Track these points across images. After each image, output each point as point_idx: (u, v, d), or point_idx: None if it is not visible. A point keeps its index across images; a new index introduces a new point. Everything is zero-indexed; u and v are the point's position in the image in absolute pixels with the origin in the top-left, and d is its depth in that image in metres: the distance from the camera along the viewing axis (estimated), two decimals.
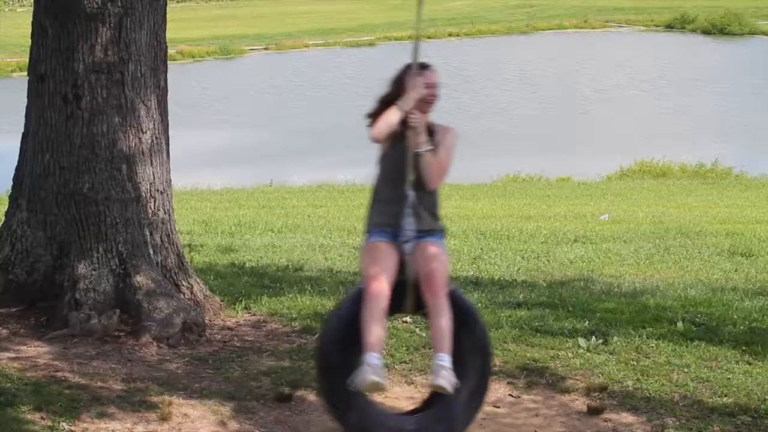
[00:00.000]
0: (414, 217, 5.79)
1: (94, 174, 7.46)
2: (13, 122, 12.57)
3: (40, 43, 7.64)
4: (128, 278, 7.41)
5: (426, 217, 5.83)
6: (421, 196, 5.81)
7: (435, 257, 5.73)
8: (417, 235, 5.77)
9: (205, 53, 54.09)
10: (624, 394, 6.58)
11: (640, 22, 68.63)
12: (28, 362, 6.70)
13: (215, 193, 22.28)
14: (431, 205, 5.87)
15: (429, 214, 5.85)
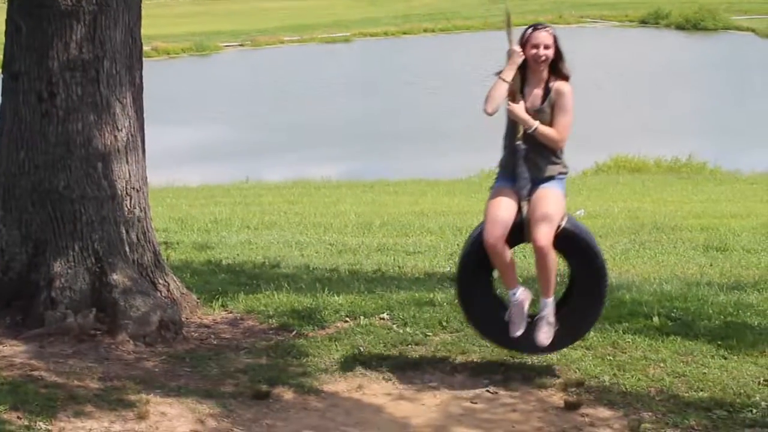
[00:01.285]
0: (529, 165, 6.52)
1: (69, 172, 7.43)
2: None
3: (14, 41, 7.59)
4: (104, 276, 7.38)
5: (542, 164, 6.54)
6: (537, 148, 6.52)
7: (541, 202, 6.46)
8: (533, 181, 6.53)
9: (180, 50, 54.03)
10: (601, 389, 6.61)
11: (615, 18, 68.95)
12: (4, 361, 6.67)
13: (191, 190, 22.23)
14: (549, 153, 6.56)
15: (545, 162, 6.55)
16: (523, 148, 6.51)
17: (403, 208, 17.76)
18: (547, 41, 6.52)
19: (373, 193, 21.40)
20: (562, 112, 6.54)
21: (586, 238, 6.69)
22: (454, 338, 7.47)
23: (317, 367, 6.91)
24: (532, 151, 6.53)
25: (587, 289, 6.77)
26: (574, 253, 6.69)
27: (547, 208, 6.46)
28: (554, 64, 6.58)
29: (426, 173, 25.12)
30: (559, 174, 6.62)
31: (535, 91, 6.58)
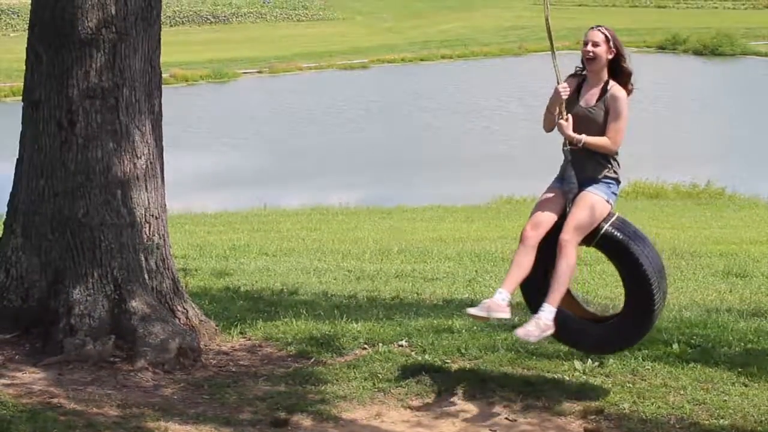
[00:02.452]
0: (577, 168, 6.70)
1: (88, 199, 7.47)
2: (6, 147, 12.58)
3: (34, 69, 7.65)
4: (123, 303, 7.40)
5: (588, 166, 6.71)
6: (588, 152, 6.68)
7: (577, 203, 6.66)
8: (580, 183, 6.71)
9: (199, 77, 54.14)
10: (620, 417, 6.57)
11: (632, 44, 68.76)
12: (23, 389, 6.68)
13: (209, 217, 22.25)
14: (600, 156, 6.71)
15: (593, 164, 6.71)
16: (569, 152, 6.72)
17: (421, 235, 17.74)
18: (595, 38, 6.70)
19: (391, 220, 21.39)
20: (615, 117, 6.68)
21: (626, 243, 6.73)
22: (473, 365, 7.45)
23: (336, 395, 6.89)
24: (584, 154, 6.72)
25: (632, 296, 6.87)
26: (615, 257, 6.86)
27: (579, 211, 6.65)
28: (614, 65, 6.74)
29: (444, 200, 25.10)
30: (605, 177, 6.76)
31: (592, 90, 6.77)
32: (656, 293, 6.76)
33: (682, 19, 73.22)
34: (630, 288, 6.86)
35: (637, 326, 6.93)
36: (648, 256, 6.75)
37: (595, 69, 6.74)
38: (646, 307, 6.81)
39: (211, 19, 79.84)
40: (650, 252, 6.80)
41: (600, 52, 6.69)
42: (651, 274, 6.73)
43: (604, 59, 6.71)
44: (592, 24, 7.14)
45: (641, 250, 6.74)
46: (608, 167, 6.76)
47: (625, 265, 6.80)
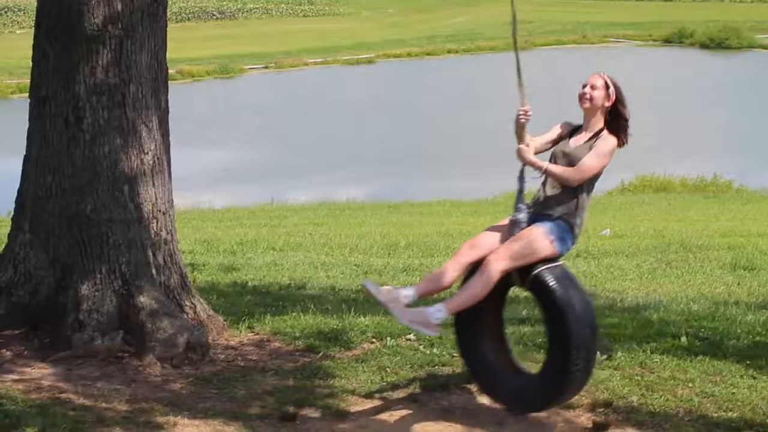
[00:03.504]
0: (540, 202, 6.36)
1: (96, 195, 7.48)
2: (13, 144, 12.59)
3: (41, 66, 7.66)
4: (131, 299, 7.41)
5: (552, 203, 6.33)
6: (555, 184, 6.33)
7: (521, 234, 6.26)
8: (534, 218, 6.34)
9: (205, 73, 54.25)
10: (629, 410, 6.57)
11: (638, 37, 68.82)
12: (32, 384, 6.70)
13: (216, 212, 22.29)
14: (564, 197, 6.33)
15: (557, 202, 6.33)
16: (521, 184, 6.39)
17: (429, 229, 17.75)
18: (594, 82, 6.41)
19: (398, 214, 21.41)
20: (593, 153, 6.31)
21: (557, 295, 6.17)
22: None
23: (344, 389, 6.90)
24: (549, 186, 6.38)
25: (550, 354, 6.36)
26: (543, 306, 6.30)
27: (516, 240, 6.25)
28: (612, 114, 6.42)
29: (451, 194, 25.11)
30: (561, 218, 6.31)
31: (583, 134, 6.44)
32: (574, 358, 6.12)
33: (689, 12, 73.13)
34: (550, 344, 6.34)
35: (547, 388, 6.31)
36: (578, 317, 6.14)
37: (590, 113, 6.39)
38: (560, 369, 6.20)
39: (217, 15, 79.91)
40: (584, 314, 6.18)
41: (597, 96, 6.36)
42: (575, 334, 6.11)
43: (599, 104, 6.36)
44: (601, 18, 7.05)
45: (572, 308, 6.14)
46: (569, 210, 6.32)
47: (550, 317, 6.25)
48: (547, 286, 6.21)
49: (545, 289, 6.22)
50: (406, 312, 6.23)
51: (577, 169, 6.27)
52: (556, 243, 6.26)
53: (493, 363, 6.60)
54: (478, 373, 6.64)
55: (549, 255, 6.25)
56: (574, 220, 6.33)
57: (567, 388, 6.27)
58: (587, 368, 6.27)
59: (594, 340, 6.27)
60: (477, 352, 6.62)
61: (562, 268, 6.32)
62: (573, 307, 6.17)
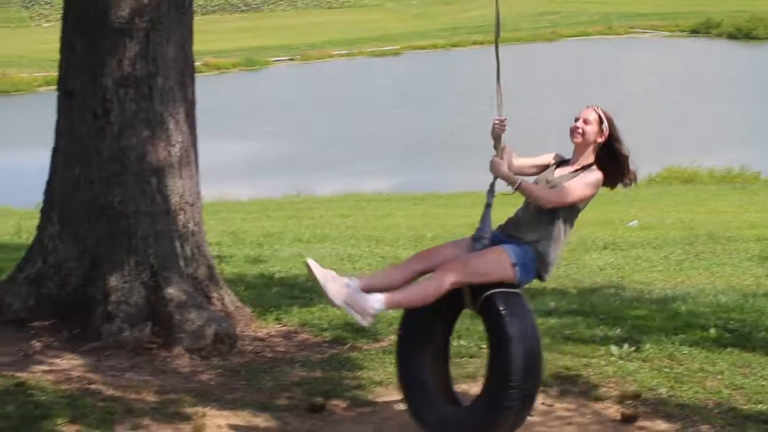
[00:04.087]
0: (512, 222, 5.96)
1: (124, 187, 7.50)
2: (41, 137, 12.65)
3: (69, 59, 7.69)
4: (159, 290, 7.43)
5: (524, 226, 5.90)
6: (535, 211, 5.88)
7: (483, 250, 5.84)
8: (503, 239, 5.91)
9: (231, 65, 54.34)
10: (658, 402, 6.54)
11: (665, 28, 68.44)
12: (62, 375, 6.73)
13: (243, 204, 22.33)
14: (540, 223, 5.86)
15: (531, 227, 5.87)
16: (491, 199, 5.99)
17: (455, 221, 17.72)
18: (588, 116, 5.96)
19: (424, 206, 21.39)
20: (577, 180, 5.87)
21: (505, 322, 5.69)
22: None
23: (371, 380, 6.90)
24: (530, 211, 5.92)
25: (487, 382, 5.87)
26: (490, 331, 5.85)
27: (476, 255, 5.83)
28: (605, 151, 5.98)
29: (477, 186, 25.03)
30: (529, 244, 5.85)
31: (570, 166, 6.01)
32: (510, 394, 5.65)
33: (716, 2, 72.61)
34: (487, 375, 5.89)
35: (474, 422, 5.82)
36: (523, 353, 5.65)
37: (580, 147, 5.96)
38: (492, 403, 5.74)
39: (242, 8, 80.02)
40: (530, 352, 5.69)
41: (589, 132, 5.92)
42: (515, 370, 5.63)
43: (591, 139, 5.92)
44: (627, 9, 6.93)
45: (518, 342, 5.66)
46: (541, 238, 5.85)
47: (492, 345, 5.82)
48: (496, 312, 5.72)
49: (494, 313, 5.74)
50: (342, 293, 5.75)
51: (556, 192, 5.82)
52: (518, 269, 5.78)
53: (430, 389, 6.07)
54: (412, 397, 6.08)
55: (506, 279, 5.77)
56: (545, 249, 5.85)
57: (495, 425, 5.74)
58: (521, 411, 5.76)
59: (534, 384, 5.77)
60: (416, 375, 6.07)
61: (519, 297, 5.82)
62: (519, 340, 5.67)
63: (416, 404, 6.07)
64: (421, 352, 6.10)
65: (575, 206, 5.93)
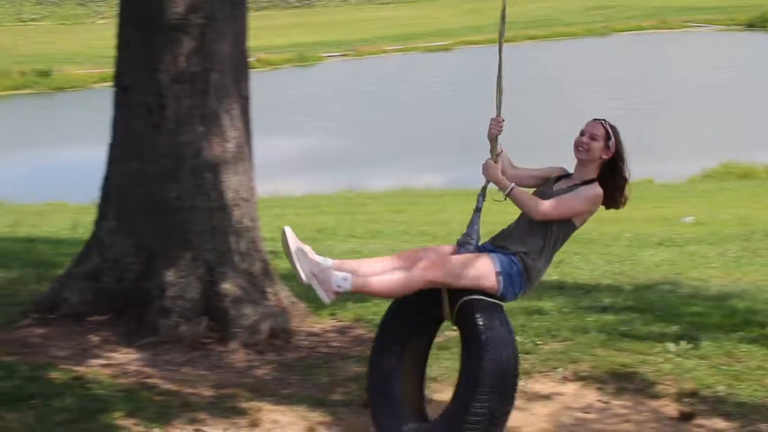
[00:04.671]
0: (504, 233, 5.72)
1: (179, 183, 7.54)
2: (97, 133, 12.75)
3: (124, 55, 7.74)
4: (215, 285, 7.47)
5: (515, 237, 5.65)
6: (529, 223, 5.64)
7: (468, 255, 5.55)
8: (492, 248, 5.65)
9: (283, 61, 54.47)
10: (716, 400, 6.47)
11: (720, 22, 67.71)
12: (119, 369, 6.79)
13: (296, 200, 22.39)
14: (533, 237, 5.61)
15: (522, 239, 5.62)
16: (483, 201, 5.77)
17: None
18: (594, 131, 5.63)
19: None
20: (575, 193, 5.60)
21: (479, 331, 5.39)
22: (565, 347, 7.39)
23: (427, 376, 6.87)
24: (525, 222, 5.67)
25: (454, 395, 5.52)
26: (463, 339, 5.56)
27: (461, 258, 5.56)
28: (609, 169, 5.66)
29: None
30: (516, 255, 5.58)
31: (571, 180, 5.74)
32: (475, 410, 5.32)
33: None
34: (457, 386, 5.52)
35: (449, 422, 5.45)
36: (496, 369, 5.34)
37: (584, 163, 5.67)
38: (455, 419, 5.40)
39: (294, 3, 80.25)
40: (503, 369, 5.37)
41: (595, 148, 5.61)
42: (482, 385, 5.32)
43: (596, 156, 5.62)
44: (681, 3, 6.74)
45: (491, 355, 5.35)
46: (530, 250, 5.58)
47: (464, 356, 5.51)
48: (471, 319, 5.43)
49: (468, 321, 5.45)
50: (309, 264, 5.48)
51: (549, 204, 5.55)
52: (502, 279, 5.50)
53: (399, 402, 5.76)
54: (378, 409, 5.78)
55: (488, 288, 5.49)
56: (534, 263, 5.57)
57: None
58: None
59: (503, 405, 5.41)
60: (387, 387, 5.77)
61: (500, 310, 5.51)
62: (492, 354, 5.35)
63: (381, 417, 5.74)
64: (396, 364, 5.79)
65: (570, 222, 5.63)
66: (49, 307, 7.73)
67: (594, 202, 5.62)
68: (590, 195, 5.60)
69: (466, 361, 5.48)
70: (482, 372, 5.34)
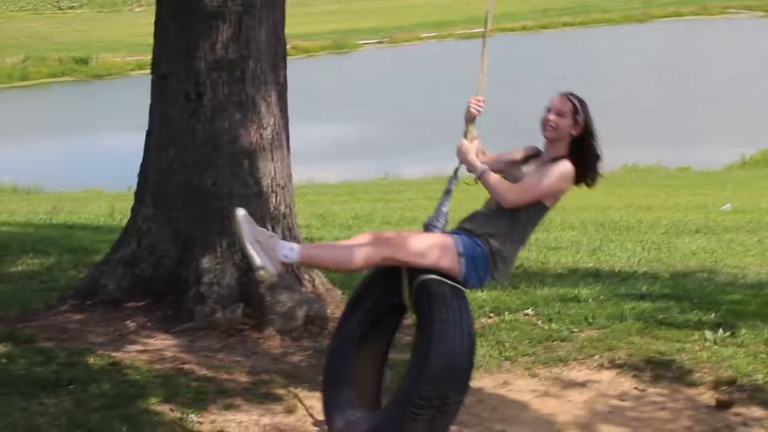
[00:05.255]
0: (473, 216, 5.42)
1: (216, 170, 7.56)
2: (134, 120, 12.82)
3: (162, 43, 7.77)
4: (251, 272, 7.47)
5: (481, 219, 5.35)
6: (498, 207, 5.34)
7: (423, 233, 5.30)
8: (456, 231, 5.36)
9: (319, 48, 54.52)
10: (754, 388, 6.41)
11: (760, 8, 67.07)
12: (156, 355, 6.83)
13: (330, 187, 22.44)
14: (502, 220, 5.31)
15: (489, 222, 5.32)
16: (455, 183, 5.53)
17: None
18: (561, 107, 5.34)
19: None
20: (542, 174, 5.30)
21: (433, 311, 5.09)
22: (601, 335, 7.36)
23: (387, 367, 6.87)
24: (490, 207, 5.40)
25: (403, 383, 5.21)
26: (419, 320, 5.24)
27: (422, 235, 5.29)
28: (580, 144, 5.37)
29: None
30: (481, 237, 5.27)
31: (540, 160, 5.45)
32: (424, 393, 4.99)
33: None
34: (407, 370, 5.21)
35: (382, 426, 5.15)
36: (448, 355, 5.01)
37: (553, 142, 5.38)
38: (404, 404, 5.05)
39: None
40: (456, 357, 5.03)
41: (563, 125, 5.32)
42: (431, 371, 4.99)
43: (565, 133, 5.33)
44: None
45: (444, 339, 5.03)
46: (496, 233, 5.27)
47: (417, 336, 5.22)
48: (426, 299, 5.14)
49: (423, 301, 5.15)
50: (255, 231, 5.18)
51: (518, 187, 5.27)
52: (464, 261, 5.19)
53: (351, 394, 5.49)
54: (331, 399, 5.51)
55: (448, 269, 5.16)
56: (500, 247, 5.26)
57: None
58: (434, 422, 5.04)
59: (453, 394, 5.05)
60: (340, 378, 5.52)
61: (460, 294, 5.19)
62: (444, 337, 5.04)
63: (330, 408, 5.49)
64: (353, 353, 5.52)
65: (541, 203, 5.33)
66: (86, 293, 7.79)
67: (564, 180, 5.31)
68: (559, 174, 5.29)
69: (416, 346, 5.18)
70: (430, 357, 5.01)
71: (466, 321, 5.13)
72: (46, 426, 5.43)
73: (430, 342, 5.03)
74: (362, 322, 5.55)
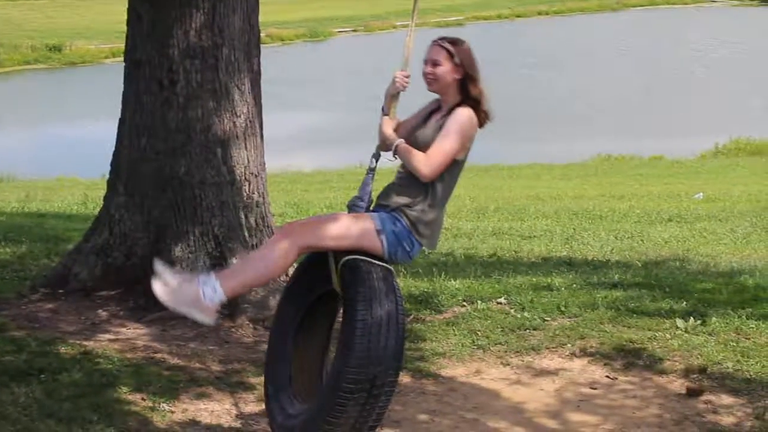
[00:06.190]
0: (388, 189, 5.22)
1: (189, 158, 7.54)
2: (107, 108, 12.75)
3: (135, 30, 7.73)
4: (224, 261, 7.47)
5: (396, 191, 5.16)
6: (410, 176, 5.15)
7: (336, 215, 5.14)
8: (375, 208, 5.21)
9: (294, 36, 54.40)
10: (723, 376, 6.46)
11: None
12: (128, 344, 6.81)
13: (305, 176, 22.40)
14: (414, 190, 5.12)
15: (403, 192, 5.12)
16: (377, 160, 5.34)
17: (518, 192, 17.65)
18: (435, 56, 5.18)
19: (488, 178, 21.31)
20: (443, 135, 5.06)
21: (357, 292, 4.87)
22: (573, 323, 7.40)
23: (434, 352, 6.90)
24: (406, 176, 5.18)
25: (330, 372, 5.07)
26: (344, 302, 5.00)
27: (339, 217, 5.12)
28: (465, 86, 5.16)
29: (541, 158, 24.92)
30: (400, 211, 5.09)
31: (439, 112, 5.25)
32: (353, 375, 4.78)
33: None
34: (335, 354, 5.01)
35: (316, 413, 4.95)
36: (373, 337, 4.79)
37: (441, 92, 5.21)
38: (334, 388, 4.84)
39: None
40: (382, 340, 4.81)
41: (442, 73, 5.15)
42: (357, 354, 4.77)
43: (448, 80, 5.15)
44: None
45: (369, 314, 4.82)
46: (411, 203, 5.09)
47: (343, 319, 4.97)
48: (351, 280, 4.94)
49: (349, 282, 4.94)
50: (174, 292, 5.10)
51: (428, 157, 5.03)
52: (384, 237, 5.01)
53: (290, 387, 5.34)
54: (271, 394, 5.37)
55: (370, 248, 4.99)
56: (420, 214, 5.08)
57: (333, 417, 4.84)
58: (366, 407, 4.85)
59: (382, 376, 4.83)
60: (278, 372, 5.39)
61: (387, 272, 4.99)
62: (369, 315, 4.83)
63: (271, 402, 5.34)
64: (289, 345, 5.38)
65: (453, 160, 5.12)
66: (58, 281, 7.76)
67: (465, 129, 5.09)
68: (458, 126, 5.08)
69: (342, 329, 4.95)
70: (354, 340, 4.79)
71: (392, 299, 4.92)
72: (17, 415, 5.41)
73: (354, 324, 4.82)
74: (296, 314, 5.39)
